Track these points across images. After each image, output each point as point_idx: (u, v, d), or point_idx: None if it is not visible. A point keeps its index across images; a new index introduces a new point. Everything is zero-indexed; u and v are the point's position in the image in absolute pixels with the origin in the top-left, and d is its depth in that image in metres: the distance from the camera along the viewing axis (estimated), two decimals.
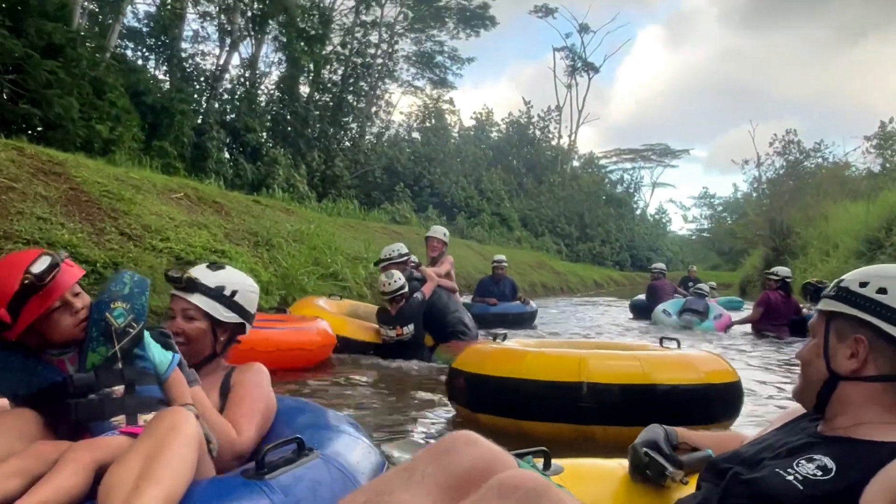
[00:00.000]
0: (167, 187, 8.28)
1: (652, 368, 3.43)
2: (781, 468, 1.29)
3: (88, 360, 1.69)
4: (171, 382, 1.79)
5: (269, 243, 8.19)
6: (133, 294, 1.77)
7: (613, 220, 42.85)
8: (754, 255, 21.84)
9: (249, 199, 10.48)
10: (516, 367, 3.57)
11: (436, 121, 32.18)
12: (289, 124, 24.44)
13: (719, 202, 57.89)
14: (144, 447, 1.45)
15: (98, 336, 1.70)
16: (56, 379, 1.66)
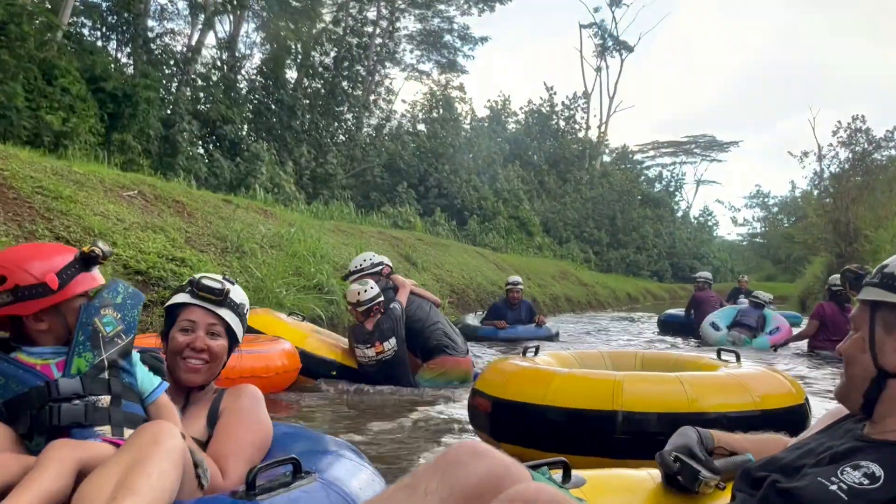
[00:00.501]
0: (118, 184, 8.04)
1: (698, 393, 3.36)
2: (824, 476, 1.32)
3: (74, 364, 1.78)
4: (161, 409, 1.90)
5: (241, 250, 7.93)
6: (125, 305, 1.91)
7: (650, 223, 42.48)
8: (815, 262, 21.45)
9: (219, 199, 10.21)
10: (542, 391, 3.53)
11: (444, 110, 31.93)
12: (273, 115, 24.30)
13: (774, 202, 57.45)
14: (124, 458, 1.54)
15: (85, 341, 1.80)
16: (37, 383, 1.74)
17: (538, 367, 3.79)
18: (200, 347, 2.17)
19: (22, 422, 1.74)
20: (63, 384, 1.76)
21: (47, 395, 1.74)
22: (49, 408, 1.73)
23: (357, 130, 29.28)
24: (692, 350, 9.54)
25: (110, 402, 1.80)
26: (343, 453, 2.14)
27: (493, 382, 3.80)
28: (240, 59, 25.66)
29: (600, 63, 47.25)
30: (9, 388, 1.75)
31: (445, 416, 5.13)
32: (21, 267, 1.81)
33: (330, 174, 23.96)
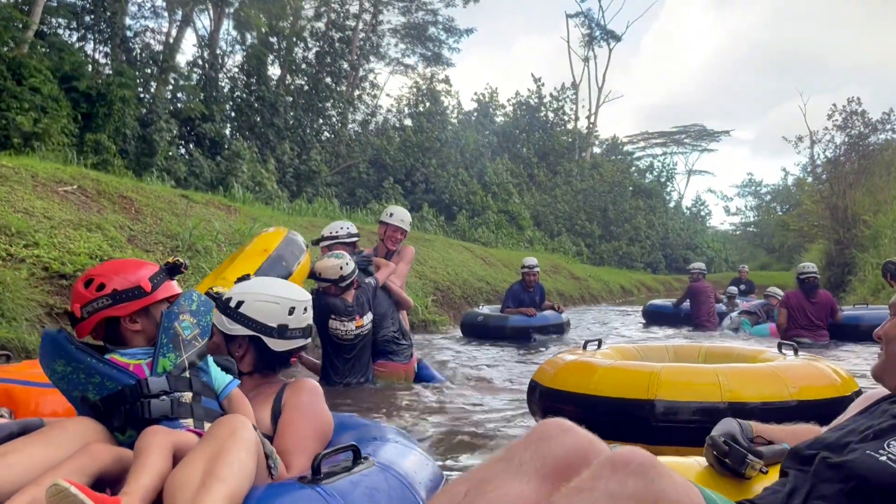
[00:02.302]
0: (55, 178, 7.40)
1: (731, 383, 3.57)
2: (872, 449, 1.48)
3: (160, 364, 2.02)
4: (235, 403, 2.11)
5: (193, 249, 7.31)
6: (199, 311, 2.14)
7: (643, 214, 42.20)
8: (813, 250, 21.20)
9: (175, 194, 9.54)
10: (586, 381, 3.85)
11: (430, 104, 31.59)
12: (255, 112, 23.91)
13: (767, 190, 57.34)
14: (208, 448, 1.72)
15: (168, 343, 2.04)
16: (130, 381, 1.97)
17: (587, 360, 4.06)
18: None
19: (116, 416, 1.95)
20: (153, 382, 1.99)
21: (139, 392, 1.96)
22: (141, 403, 1.95)
23: (342, 127, 28.91)
24: (732, 341, 9.58)
25: (192, 398, 2.02)
26: (395, 438, 2.33)
27: (544, 374, 4.13)
28: (221, 57, 25.23)
29: (588, 53, 46.91)
30: (104, 386, 1.97)
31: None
32: (118, 274, 2.12)
33: (314, 171, 23.61)
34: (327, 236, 6.17)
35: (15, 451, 1.76)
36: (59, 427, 1.88)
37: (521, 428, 4.74)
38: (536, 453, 1.48)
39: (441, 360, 8.04)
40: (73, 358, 1.97)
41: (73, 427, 1.88)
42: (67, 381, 2.00)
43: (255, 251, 4.94)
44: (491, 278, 17.12)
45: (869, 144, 17.77)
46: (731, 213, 72.22)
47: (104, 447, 1.82)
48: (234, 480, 1.66)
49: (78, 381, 1.98)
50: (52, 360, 1.99)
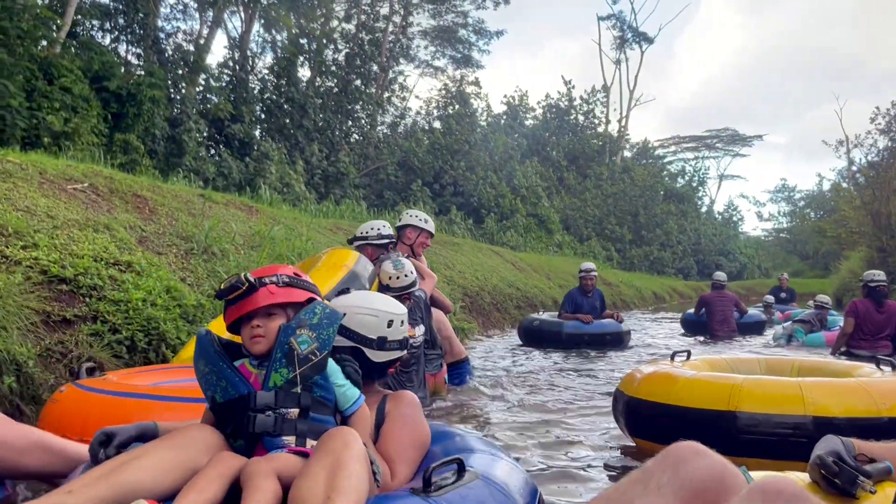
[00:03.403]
0: (65, 175, 7.06)
1: (818, 397, 3.58)
2: None
3: (271, 379, 2.02)
4: (358, 420, 2.11)
5: (209, 251, 7.03)
6: (321, 324, 2.10)
7: (674, 219, 41.68)
8: (853, 257, 20.70)
9: (193, 193, 9.25)
10: (668, 391, 3.97)
11: (459, 106, 31.40)
12: (285, 114, 23.89)
13: (801, 196, 56.50)
14: (325, 462, 1.77)
15: (281, 358, 2.03)
16: (244, 392, 2.00)
17: (668, 370, 4.20)
18: None
19: (229, 424, 2.01)
20: (260, 397, 2.00)
21: (246, 405, 1.99)
22: (248, 416, 1.98)
23: (371, 129, 28.83)
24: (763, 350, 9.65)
25: (298, 414, 2.01)
26: (493, 451, 2.37)
27: (628, 384, 4.27)
28: (251, 58, 25.28)
29: (619, 56, 46.54)
30: (226, 391, 2.02)
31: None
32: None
33: (342, 173, 23.51)
34: (358, 236, 6.01)
35: (146, 455, 1.83)
36: (184, 432, 1.95)
37: (586, 432, 4.86)
38: (675, 476, 1.49)
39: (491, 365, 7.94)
40: (210, 360, 2.06)
41: (196, 433, 1.95)
42: (205, 381, 2.08)
43: (333, 265, 4.90)
44: (521, 283, 16.85)
45: None
46: (763, 218, 71.47)
47: (234, 456, 1.89)
48: (355, 493, 1.72)
49: (211, 382, 2.06)
50: (197, 359, 2.09)
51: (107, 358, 4.48)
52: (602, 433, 4.84)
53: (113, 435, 2.00)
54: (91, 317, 4.82)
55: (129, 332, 4.82)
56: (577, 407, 5.74)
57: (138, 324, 4.89)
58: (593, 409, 5.67)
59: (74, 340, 4.56)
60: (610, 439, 4.66)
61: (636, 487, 1.53)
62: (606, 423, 5.02)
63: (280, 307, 2.13)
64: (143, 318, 4.92)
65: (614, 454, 4.35)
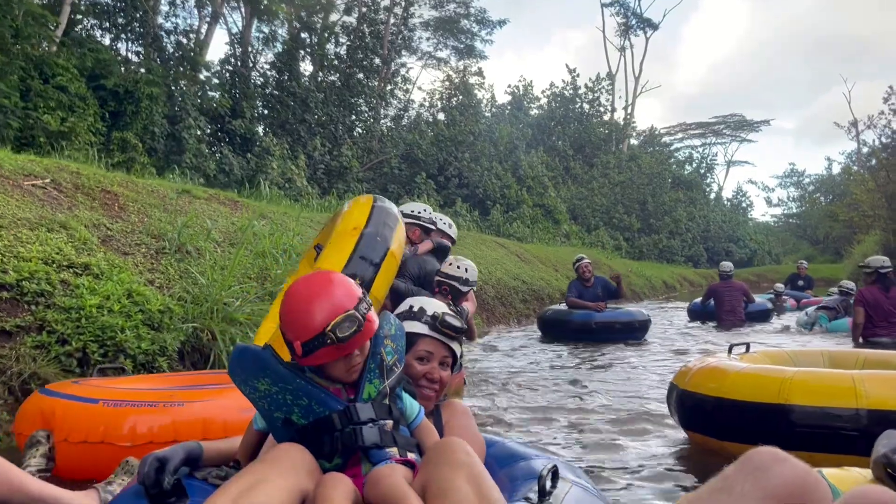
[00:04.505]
0: (23, 171, 6.49)
1: (872, 389, 3.52)
2: None
3: (366, 390, 1.94)
4: (425, 432, 2.05)
5: (182, 250, 6.43)
6: (397, 336, 2.08)
7: (683, 206, 41.10)
8: (867, 241, 20.13)
9: (173, 189, 8.67)
10: (718, 384, 3.95)
11: (463, 97, 30.90)
12: (286, 109, 23.50)
13: (810, 180, 55.74)
14: (462, 474, 1.70)
15: (374, 368, 1.97)
16: (338, 407, 1.89)
17: (719, 364, 4.16)
18: (436, 378, 2.32)
19: (327, 442, 1.86)
20: (361, 409, 1.89)
21: (350, 419, 1.87)
22: (354, 430, 1.86)
23: (374, 122, 28.45)
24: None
25: (393, 425, 1.93)
26: (542, 456, 2.26)
27: (681, 378, 4.21)
28: (253, 54, 24.91)
29: (624, 42, 45.94)
30: (311, 409, 1.88)
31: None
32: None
33: (345, 167, 23.13)
34: (407, 214, 5.47)
35: (265, 482, 1.68)
36: (285, 454, 1.79)
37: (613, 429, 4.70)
38: (756, 484, 1.45)
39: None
40: (282, 378, 1.88)
41: (297, 454, 1.80)
42: (271, 401, 1.90)
43: (344, 231, 4.26)
44: (527, 276, 16.36)
45: None
46: (772, 204, 70.51)
47: (343, 476, 1.79)
48: (501, 498, 1.68)
49: (283, 402, 1.89)
50: (255, 377, 1.89)
51: (54, 373, 4.00)
52: (643, 430, 4.72)
53: (166, 460, 1.87)
54: (36, 327, 4.32)
55: (80, 342, 4.33)
56: (614, 406, 5.48)
57: (91, 333, 4.40)
58: (630, 408, 5.42)
59: (15, 355, 4.10)
60: (656, 437, 4.56)
61: (719, 496, 1.48)
62: (647, 420, 4.96)
63: None
64: (96, 326, 4.42)
65: (667, 451, 4.25)
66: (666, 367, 7.37)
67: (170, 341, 4.57)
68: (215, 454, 2.06)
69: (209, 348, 5.12)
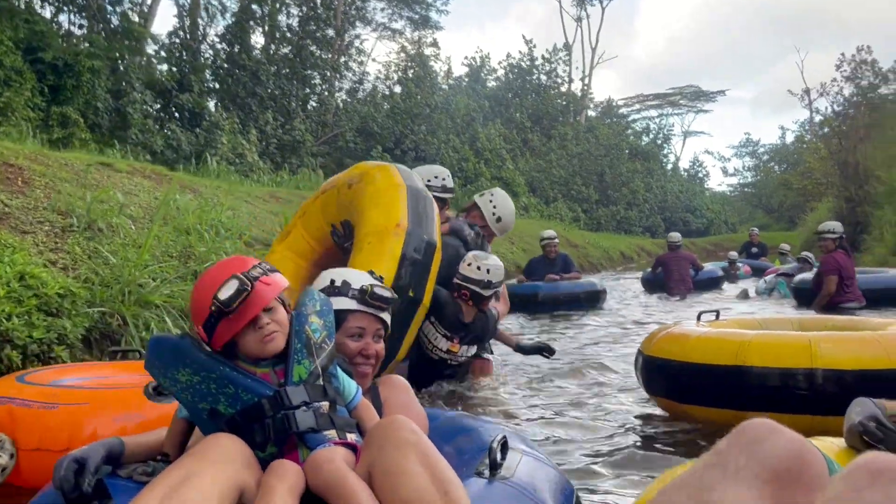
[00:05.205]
0: None
1: (826, 350, 3.56)
2: None
3: (295, 372, 1.82)
4: (364, 411, 1.98)
5: (94, 227, 5.84)
6: (324, 312, 1.97)
7: (640, 177, 41.29)
8: (820, 208, 20.34)
9: (92, 162, 8.01)
10: (680, 349, 3.97)
11: (419, 69, 30.47)
12: (237, 82, 22.91)
13: (765, 150, 56.43)
14: (412, 454, 1.61)
15: (301, 348, 1.86)
16: (266, 392, 1.77)
17: (685, 330, 4.19)
18: (371, 354, 2.25)
19: (258, 431, 1.74)
20: (292, 392, 1.79)
21: (280, 404, 1.76)
22: (285, 416, 1.75)
23: (329, 95, 27.94)
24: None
25: (329, 407, 1.83)
26: (484, 422, 2.24)
27: (660, 347, 4.12)
28: (203, 27, 24.21)
29: (580, 13, 45.70)
30: (239, 397, 1.76)
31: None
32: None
33: (298, 141, 22.69)
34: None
35: (197, 475, 1.55)
36: (217, 445, 1.66)
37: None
38: (753, 458, 1.40)
39: None
40: (203, 366, 1.76)
41: (230, 444, 1.67)
42: (194, 392, 1.77)
43: (385, 229, 3.92)
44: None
45: (878, 97, 16.77)
46: (728, 174, 71.50)
47: (289, 463, 1.68)
48: (457, 479, 1.60)
49: (208, 391, 1.76)
50: (174, 368, 1.76)
51: None
52: (603, 398, 4.69)
53: (84, 460, 1.69)
54: None
55: None
56: (571, 378, 5.36)
57: None
58: (589, 377, 5.34)
59: None
60: (616, 404, 4.53)
61: (713, 472, 1.40)
62: (605, 387, 4.93)
63: (277, 298, 1.89)
64: None
65: (631, 417, 4.23)
66: (625, 337, 7.31)
67: (70, 328, 4.10)
68: (140, 449, 1.89)
69: (120, 334, 4.72)
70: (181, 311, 5.07)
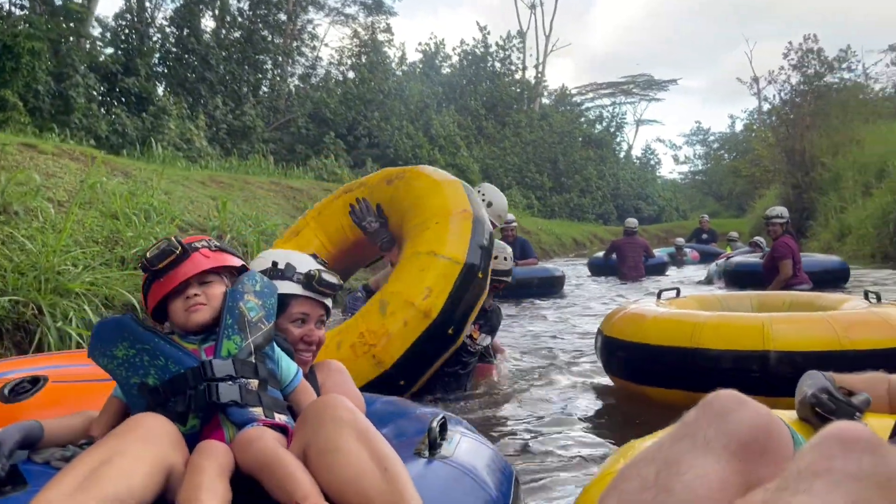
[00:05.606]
0: None
1: (779, 331, 3.59)
2: None
3: (224, 346, 1.82)
4: (303, 394, 1.96)
5: (10, 211, 5.43)
6: (264, 293, 1.95)
7: (593, 165, 41.56)
8: (768, 195, 20.68)
9: (14, 144, 7.54)
10: (636, 330, 3.99)
11: (372, 55, 30.16)
12: (186, 67, 22.39)
13: (714, 138, 57.25)
14: (349, 433, 1.56)
15: (233, 324, 1.85)
16: (193, 364, 1.76)
17: (642, 310, 4.20)
18: (314, 341, 2.22)
19: (179, 402, 1.73)
20: (217, 365, 1.77)
21: (203, 376, 1.75)
22: (208, 386, 1.73)
23: (281, 80, 27.50)
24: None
25: (258, 385, 1.81)
26: (422, 407, 2.28)
27: (619, 327, 4.13)
28: (150, 10, 23.58)
29: (534, 0, 45.65)
30: (167, 368, 1.77)
31: None
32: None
33: (249, 127, 22.30)
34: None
35: (120, 455, 1.46)
36: (141, 424, 1.60)
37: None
38: (721, 430, 1.39)
39: None
40: (140, 339, 1.78)
41: (155, 423, 1.62)
42: (128, 366, 1.78)
43: (452, 212, 3.95)
44: None
45: (824, 85, 17.05)
46: (679, 161, 72.43)
47: (218, 443, 1.63)
48: (396, 455, 1.56)
49: (141, 364, 1.78)
50: (113, 345, 1.78)
51: None
52: (559, 380, 4.69)
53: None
54: None
55: None
56: (527, 361, 5.35)
57: None
58: (544, 360, 5.31)
59: None
60: (572, 386, 4.53)
61: (682, 444, 1.40)
62: (561, 369, 4.89)
63: (216, 274, 1.93)
64: None
65: (590, 397, 4.24)
66: (581, 319, 7.27)
67: None
68: (63, 432, 1.81)
69: (35, 325, 4.42)
70: (105, 298, 4.80)
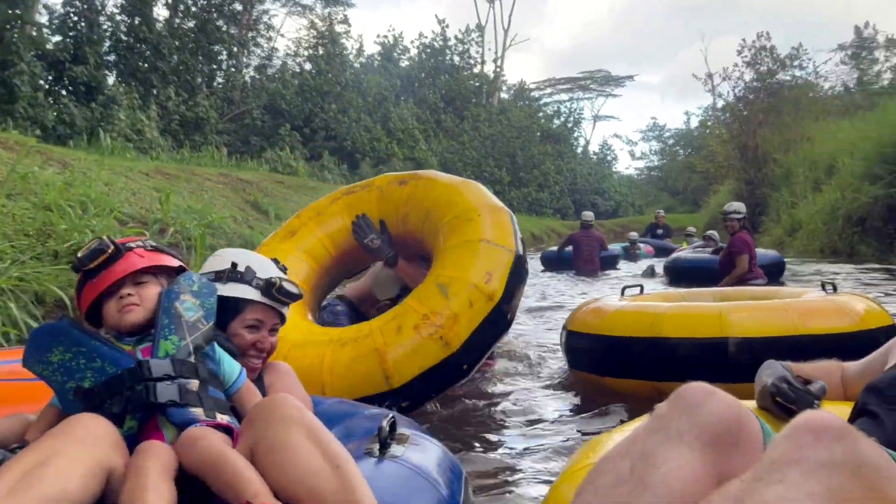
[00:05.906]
0: None
1: (735, 319, 3.67)
2: None
3: (161, 347, 1.78)
4: (248, 394, 1.92)
5: None
6: (202, 293, 1.92)
7: (551, 160, 41.73)
8: (722, 191, 20.94)
9: None
10: (598, 322, 4.05)
11: (329, 46, 29.82)
12: (138, 56, 21.86)
13: (670, 134, 57.92)
14: (298, 432, 1.53)
15: (169, 324, 1.81)
16: (128, 364, 1.73)
17: (608, 305, 4.25)
18: (266, 348, 2.18)
19: (115, 403, 1.69)
20: (155, 364, 1.73)
21: (140, 376, 1.71)
22: (146, 386, 1.69)
23: (236, 71, 27.05)
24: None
25: (199, 385, 1.76)
26: (371, 408, 2.30)
27: (581, 321, 4.20)
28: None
29: None
30: (104, 370, 1.73)
31: None
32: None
33: (202, 118, 21.88)
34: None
35: (57, 456, 1.40)
36: (79, 424, 1.53)
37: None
38: (693, 421, 1.40)
39: None
40: (76, 342, 1.73)
41: (93, 423, 1.55)
42: (64, 371, 1.73)
43: (486, 207, 3.89)
44: None
45: (776, 83, 17.28)
46: (636, 157, 73.13)
47: (160, 444, 1.58)
48: (346, 453, 1.53)
49: (77, 367, 1.72)
50: (48, 350, 1.73)
51: None
52: (523, 376, 4.67)
53: None
54: None
55: None
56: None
57: None
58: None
59: None
60: (535, 380, 4.54)
61: (656, 437, 1.41)
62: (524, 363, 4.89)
63: (152, 274, 1.90)
64: None
65: (553, 392, 4.24)
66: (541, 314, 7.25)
67: None
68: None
69: None
70: (36, 295, 4.56)
